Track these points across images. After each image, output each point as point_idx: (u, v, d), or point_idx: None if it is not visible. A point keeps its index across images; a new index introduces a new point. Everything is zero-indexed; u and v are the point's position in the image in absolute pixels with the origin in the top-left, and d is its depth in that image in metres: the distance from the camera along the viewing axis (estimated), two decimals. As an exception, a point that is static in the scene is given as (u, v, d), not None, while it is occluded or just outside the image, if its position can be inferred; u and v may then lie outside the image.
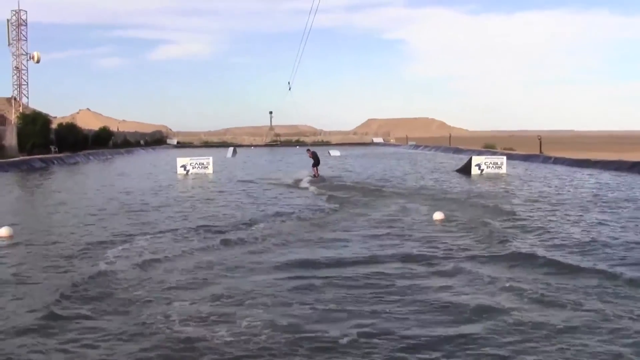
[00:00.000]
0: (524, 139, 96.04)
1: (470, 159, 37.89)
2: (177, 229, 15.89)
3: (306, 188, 27.70)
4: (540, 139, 55.01)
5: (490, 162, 36.79)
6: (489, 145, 70.45)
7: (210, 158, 39.00)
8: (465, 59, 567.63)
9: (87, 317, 8.55)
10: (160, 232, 15.54)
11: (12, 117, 68.70)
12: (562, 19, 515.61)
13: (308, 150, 36.81)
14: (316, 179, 32.73)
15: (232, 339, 7.59)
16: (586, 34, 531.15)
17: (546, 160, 46.83)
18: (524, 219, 17.28)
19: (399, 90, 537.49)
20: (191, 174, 37.08)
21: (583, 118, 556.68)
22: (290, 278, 10.66)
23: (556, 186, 27.51)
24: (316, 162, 34.59)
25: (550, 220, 17.01)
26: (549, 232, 15.10)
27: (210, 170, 37.91)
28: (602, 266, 11.20)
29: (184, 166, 37.97)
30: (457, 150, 67.30)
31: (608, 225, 16.15)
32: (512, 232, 15.11)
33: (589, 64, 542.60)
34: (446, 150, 72.77)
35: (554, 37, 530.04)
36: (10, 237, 14.86)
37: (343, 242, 14.06)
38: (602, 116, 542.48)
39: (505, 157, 38.64)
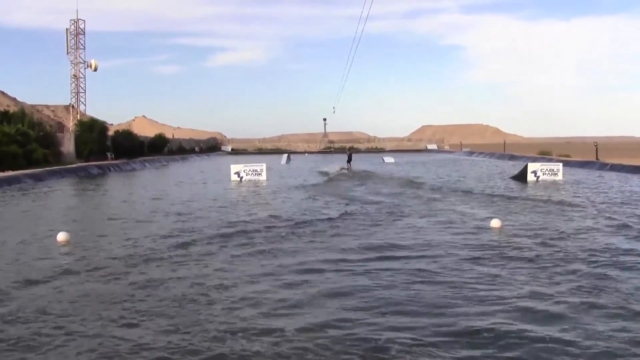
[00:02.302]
0: (581, 145, 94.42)
1: (526, 165, 37.31)
2: (230, 233, 15.91)
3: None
4: (596, 145, 53.85)
5: (547, 169, 36.20)
6: (545, 152, 69.42)
7: (264, 165, 38.87)
8: (521, 65, 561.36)
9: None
10: (213, 237, 15.56)
11: (70, 124, 70.31)
12: (620, 24, 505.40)
13: (347, 151, 59.82)
14: (348, 171, 44.89)
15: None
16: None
17: (602, 167, 45.71)
18: (584, 225, 16.77)
19: (453, 97, 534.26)
20: (245, 180, 37.14)
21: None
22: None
23: (606, 193, 26.85)
24: (349, 159, 47.79)
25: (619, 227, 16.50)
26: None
27: (263, 177, 37.88)
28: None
29: (237, 173, 38.00)
30: (512, 157, 66.24)
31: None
32: (577, 237, 14.65)
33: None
34: (501, 157, 71.67)
35: (611, 42, 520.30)
36: (67, 242, 15.08)
37: (402, 249, 13.76)
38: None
39: (561, 164, 37.82)
